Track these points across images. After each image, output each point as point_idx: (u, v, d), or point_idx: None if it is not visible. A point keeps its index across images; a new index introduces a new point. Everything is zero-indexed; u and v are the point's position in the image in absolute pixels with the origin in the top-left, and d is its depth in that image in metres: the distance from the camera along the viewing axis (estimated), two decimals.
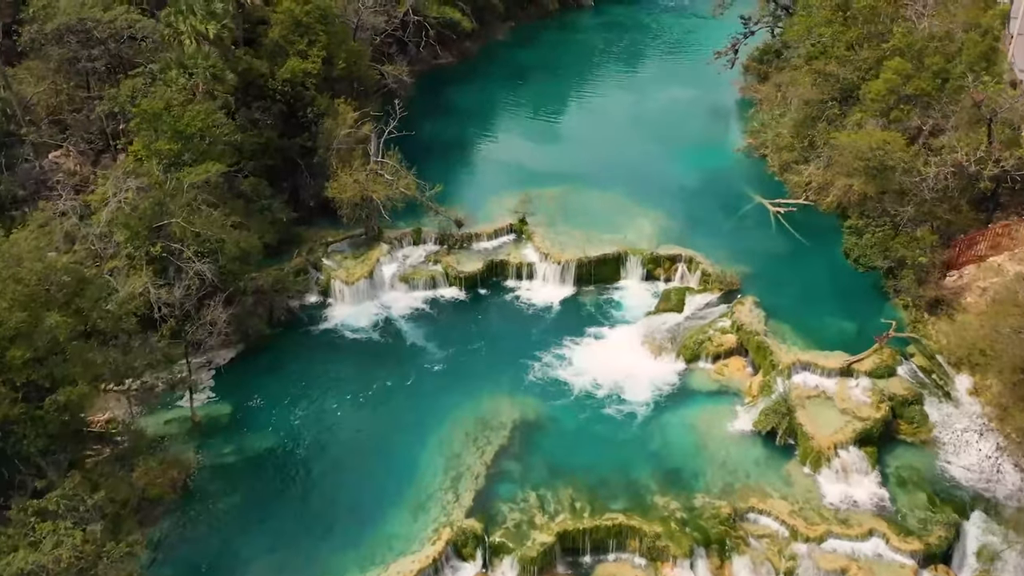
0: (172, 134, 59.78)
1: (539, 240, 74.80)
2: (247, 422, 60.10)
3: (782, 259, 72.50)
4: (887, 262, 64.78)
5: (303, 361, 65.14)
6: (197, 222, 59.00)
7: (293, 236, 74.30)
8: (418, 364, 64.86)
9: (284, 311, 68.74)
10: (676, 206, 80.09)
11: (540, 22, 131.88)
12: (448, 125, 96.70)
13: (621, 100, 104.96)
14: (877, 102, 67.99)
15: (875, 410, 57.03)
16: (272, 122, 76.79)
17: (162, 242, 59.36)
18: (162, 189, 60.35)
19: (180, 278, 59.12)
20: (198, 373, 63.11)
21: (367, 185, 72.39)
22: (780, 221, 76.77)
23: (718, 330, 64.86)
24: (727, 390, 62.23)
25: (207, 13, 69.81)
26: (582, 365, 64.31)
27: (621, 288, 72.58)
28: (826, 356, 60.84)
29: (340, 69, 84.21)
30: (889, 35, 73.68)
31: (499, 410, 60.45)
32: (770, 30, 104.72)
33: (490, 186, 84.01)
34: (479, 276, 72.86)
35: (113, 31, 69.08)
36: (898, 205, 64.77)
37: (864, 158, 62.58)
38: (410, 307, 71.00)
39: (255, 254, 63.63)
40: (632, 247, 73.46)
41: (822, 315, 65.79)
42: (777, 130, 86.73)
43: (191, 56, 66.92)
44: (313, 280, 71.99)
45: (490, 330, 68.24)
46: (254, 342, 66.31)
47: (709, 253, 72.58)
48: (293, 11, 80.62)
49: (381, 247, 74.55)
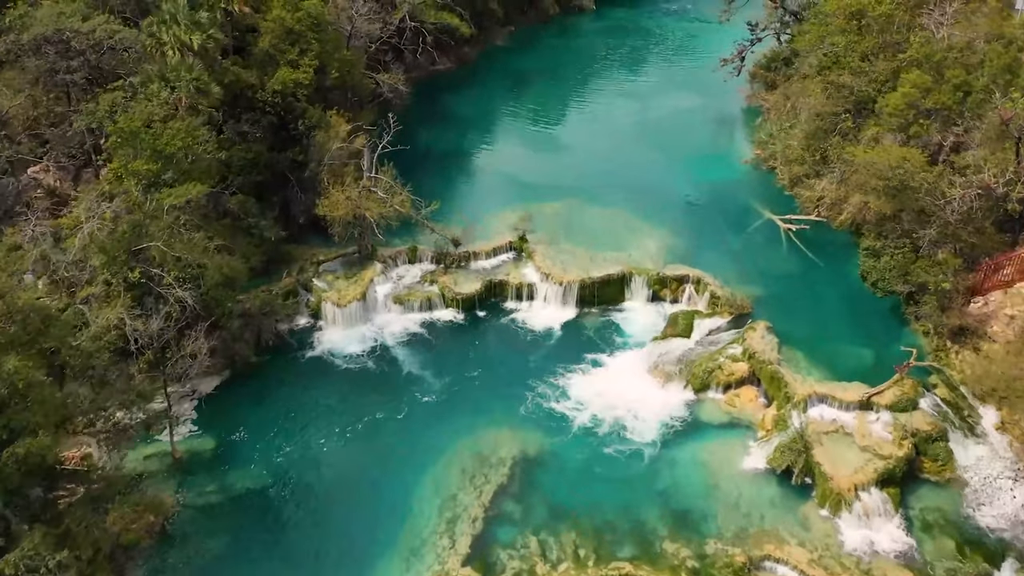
0: (151, 153, 55.73)
1: (540, 259, 70.81)
2: (230, 457, 56.13)
3: (794, 280, 68.54)
4: (907, 287, 60.82)
5: (291, 390, 61.19)
6: (177, 246, 54.93)
7: (283, 254, 70.26)
8: (412, 393, 60.87)
9: (272, 335, 64.72)
10: (682, 222, 76.14)
11: (540, 26, 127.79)
12: (445, 135, 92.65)
13: (623, 108, 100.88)
14: (895, 116, 64.00)
15: (897, 447, 53.17)
16: (261, 135, 72.69)
17: (141, 267, 55.20)
18: (141, 211, 56.27)
19: (160, 306, 55.12)
20: (180, 403, 59.14)
21: (360, 202, 68.39)
22: (791, 238, 72.85)
23: (729, 358, 60.90)
24: (739, 423, 58.32)
25: (191, 23, 65.77)
26: (585, 395, 60.41)
27: (626, 310, 68.63)
28: (844, 388, 56.93)
29: (333, 79, 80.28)
30: (906, 45, 69.74)
31: (498, 444, 56.58)
32: (776, 36, 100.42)
33: (489, 200, 79.97)
34: (477, 297, 68.91)
35: (92, 42, 64.86)
36: (918, 226, 60.83)
37: (884, 177, 58.55)
38: (404, 330, 66.99)
39: (240, 279, 59.42)
40: (637, 267, 69.48)
41: (838, 342, 61.86)
42: (786, 142, 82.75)
43: (174, 68, 62.82)
44: (303, 302, 68.00)
45: (488, 356, 64.24)
46: (240, 369, 62.31)
47: (718, 273, 68.58)
48: (284, 19, 76.59)
49: (375, 266, 70.54)
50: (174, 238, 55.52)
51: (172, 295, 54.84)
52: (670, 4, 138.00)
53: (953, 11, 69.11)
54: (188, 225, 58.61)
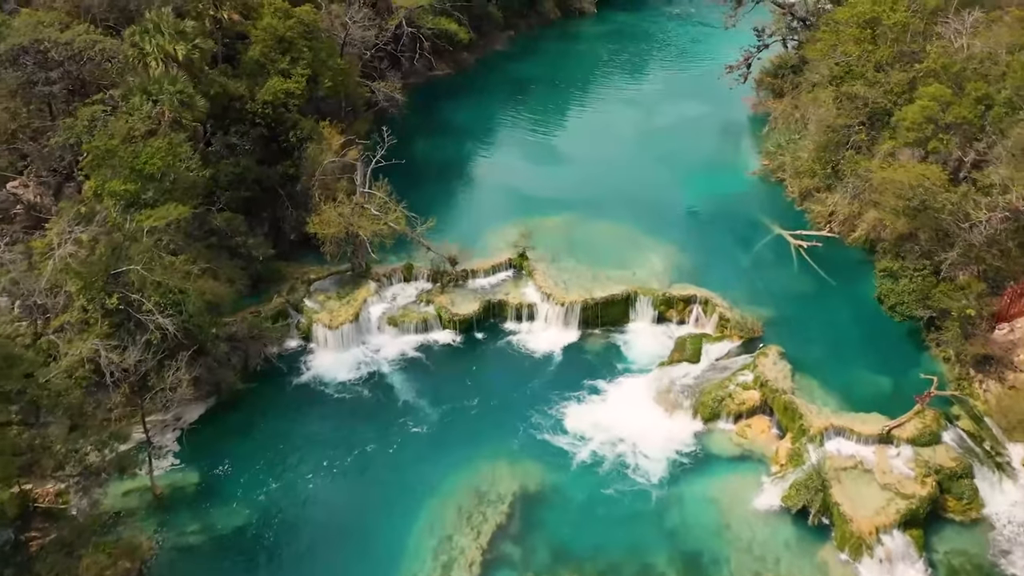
0: (129, 173, 52.02)
1: (540, 278, 67.15)
2: (214, 494, 52.55)
3: (807, 301, 64.96)
4: (927, 312, 57.07)
5: (279, 419, 57.63)
6: (157, 270, 51.31)
7: (273, 272, 66.63)
8: (406, 423, 57.31)
9: (260, 360, 61.08)
10: (688, 237, 72.54)
11: (541, 31, 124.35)
12: (443, 145, 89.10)
13: (626, 116, 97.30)
14: (913, 131, 60.24)
15: (920, 485, 49.62)
16: (251, 148, 69.11)
17: (120, 292, 51.64)
18: (120, 232, 52.69)
19: (140, 334, 51.54)
20: (163, 434, 55.80)
21: (352, 220, 64.72)
22: (802, 255, 69.31)
23: (739, 385, 57.34)
24: (750, 455, 54.77)
25: (176, 32, 62.15)
26: (589, 425, 56.82)
27: (630, 332, 65.02)
28: (862, 420, 53.35)
29: (326, 88, 76.79)
30: (922, 55, 66.04)
31: (496, 479, 53.09)
32: (782, 41, 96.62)
33: (487, 214, 76.30)
34: (475, 319, 65.32)
35: (71, 52, 61.12)
36: (939, 247, 57.22)
37: (904, 197, 54.84)
38: (399, 354, 63.36)
39: (225, 303, 55.81)
40: (642, 286, 65.86)
41: (853, 368, 58.33)
42: (795, 153, 79.11)
43: (156, 81, 59.13)
44: (293, 324, 64.33)
45: (486, 382, 60.57)
46: (226, 396, 58.73)
47: (726, 293, 64.97)
48: (275, 27, 73.13)
49: (368, 285, 66.91)
50: (154, 262, 51.90)
51: (152, 322, 51.32)
52: (672, 8, 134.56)
53: (973, 20, 65.32)
54: (170, 247, 55.13)
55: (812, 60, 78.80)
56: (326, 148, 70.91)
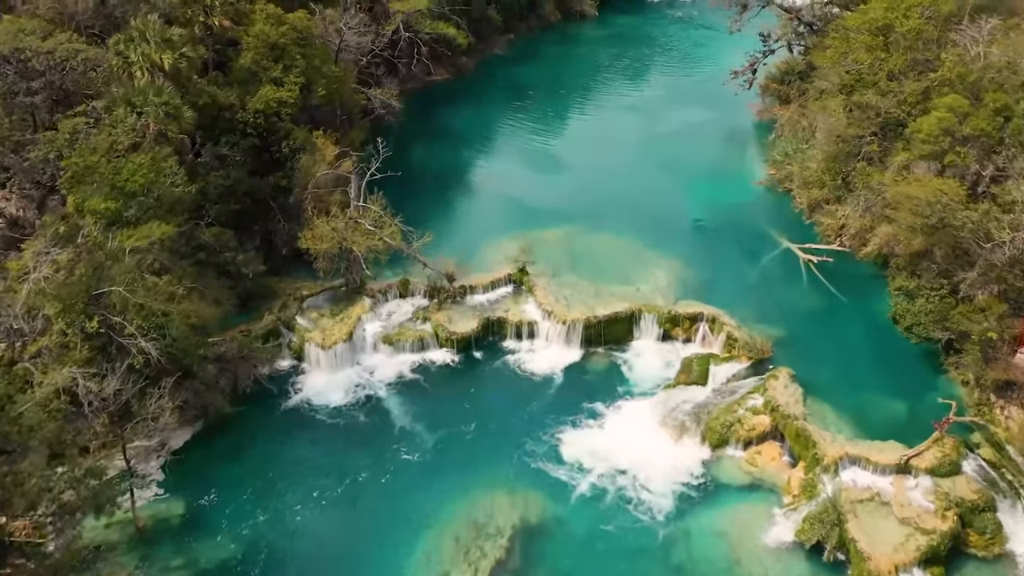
0: (110, 190, 49.21)
1: (541, 294, 64.38)
2: (199, 525, 49.82)
3: (817, 319, 62.26)
4: (946, 334, 54.27)
5: (268, 444, 54.94)
6: (140, 292, 48.52)
7: (264, 288, 63.80)
8: (401, 449, 54.57)
9: (250, 382, 58.29)
10: (694, 251, 69.78)
11: (541, 34, 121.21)
12: (440, 153, 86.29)
13: (628, 122, 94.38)
14: (928, 143, 57.42)
15: (940, 519, 46.96)
16: (241, 159, 66.29)
17: (101, 314, 48.91)
18: (102, 251, 49.96)
19: (122, 358, 48.84)
20: (147, 461, 53.03)
21: (346, 235, 61.96)
22: (812, 270, 66.64)
23: (749, 410, 54.65)
24: (761, 484, 52.05)
25: (162, 41, 59.27)
26: (592, 452, 54.07)
27: (634, 351, 62.25)
28: (879, 448, 50.68)
29: (320, 96, 74.01)
30: (937, 64, 63.19)
31: (495, 510, 50.39)
32: (787, 46, 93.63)
33: (486, 227, 73.48)
34: (473, 337, 62.47)
35: (52, 62, 58.33)
36: (957, 266, 54.36)
37: (922, 214, 52.06)
38: (394, 374, 60.63)
39: (212, 325, 53.06)
40: (647, 303, 63.12)
41: (867, 391, 55.67)
42: (803, 162, 76.29)
43: (141, 92, 56.29)
44: (285, 343, 61.55)
45: (485, 405, 57.80)
46: (214, 420, 56.02)
47: (734, 311, 62.20)
48: (267, 33, 70.32)
49: (363, 302, 64.12)
50: (136, 283, 49.10)
51: (135, 346, 48.60)
52: (674, 11, 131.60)
53: (990, 28, 62.50)
54: (155, 265, 52.40)
55: (821, 67, 75.80)
56: (319, 159, 68.20)
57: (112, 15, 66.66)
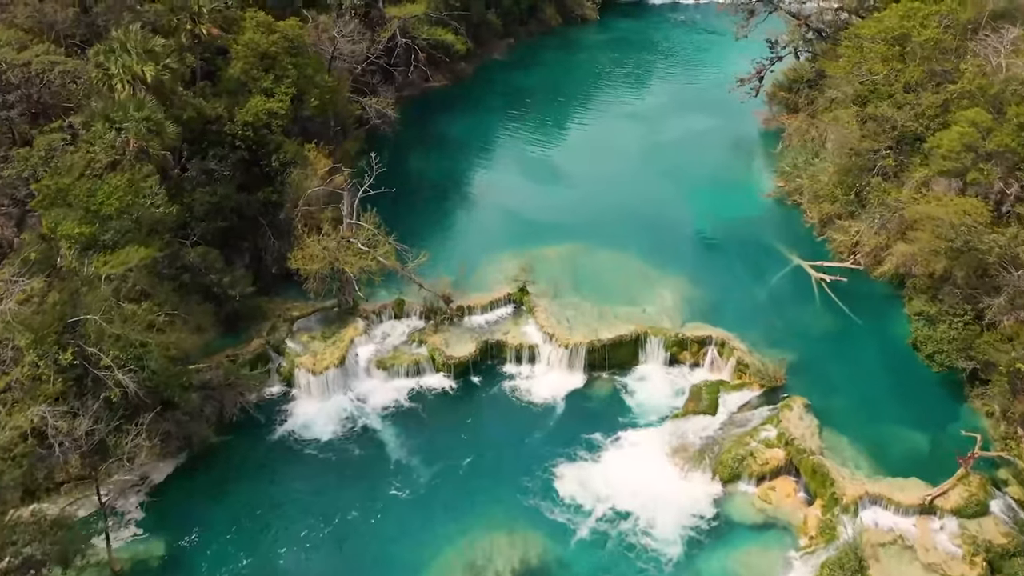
0: (84, 214, 45.82)
1: (542, 316, 61.00)
2: (179, 568, 46.60)
3: (831, 343, 58.94)
4: (971, 363, 50.91)
5: (255, 478, 51.64)
6: (116, 322, 45.17)
7: (252, 309, 60.48)
8: (394, 484, 51.24)
9: (237, 410, 54.85)
10: (701, 269, 66.40)
11: (541, 39, 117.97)
12: (437, 164, 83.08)
13: (630, 131, 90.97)
14: (950, 160, 54.02)
15: (969, 565, 43.89)
16: (230, 174, 62.97)
17: (75, 345, 45.66)
18: (77, 277, 46.68)
19: (98, 391, 45.61)
20: (126, 496, 49.63)
21: (337, 255, 58.61)
22: (825, 289, 63.27)
23: (762, 442, 51.34)
24: (775, 523, 48.76)
25: (144, 52, 55.82)
26: (596, 487, 50.77)
27: (640, 376, 58.93)
28: (900, 487, 47.41)
29: (313, 107, 70.62)
30: (956, 75, 59.78)
31: (494, 552, 47.21)
32: (794, 52, 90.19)
33: (485, 242, 70.09)
34: (471, 361, 59.09)
35: (28, 74, 54.95)
36: (981, 290, 50.91)
37: (945, 237, 48.68)
38: (388, 401, 57.34)
39: (194, 355, 49.76)
40: (653, 326, 59.77)
41: (886, 422, 52.35)
42: (813, 174, 72.90)
43: (120, 106, 52.83)
44: (274, 368, 58.25)
45: (483, 436, 54.47)
46: (199, 451, 52.65)
47: (744, 333, 58.91)
48: (257, 42, 66.95)
49: (356, 324, 60.75)
50: (112, 311, 45.75)
51: (111, 379, 45.33)
52: (677, 15, 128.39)
53: (1013, 37, 59.10)
54: (134, 291, 49.01)
55: (832, 76, 72.36)
56: (311, 173, 64.77)
57: (94, 24, 63.13)
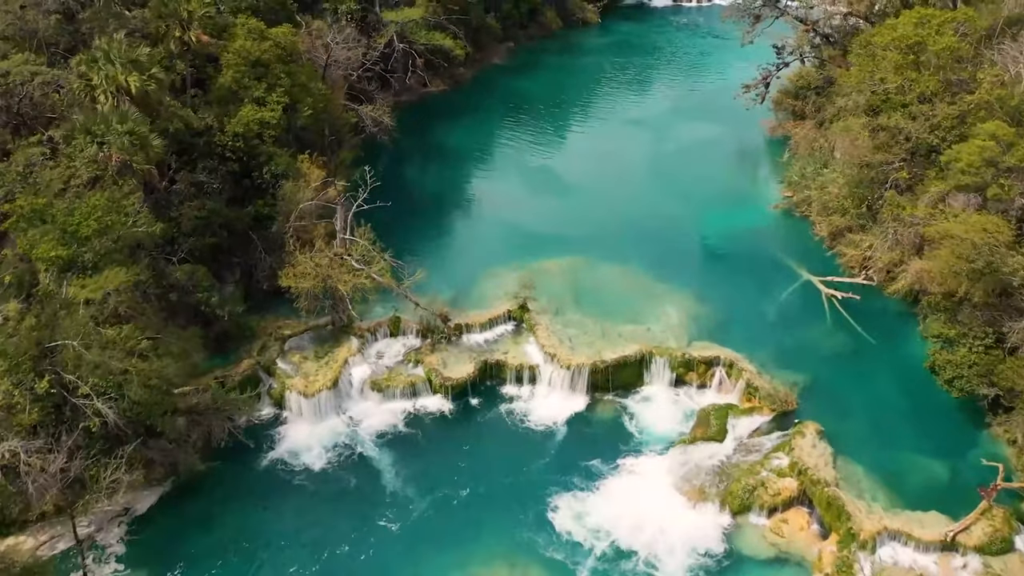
0: (61, 235, 43.21)
1: (543, 334, 58.44)
2: None
3: (844, 363, 56.38)
4: (993, 390, 48.31)
5: (243, 508, 49.13)
6: (95, 349, 42.59)
7: (243, 327, 58.03)
8: (389, 514, 48.70)
9: (226, 434, 52.24)
10: (707, 284, 63.81)
11: (542, 42, 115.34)
12: (434, 173, 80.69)
13: (633, 138, 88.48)
14: (969, 174, 51.40)
15: None
16: (219, 187, 60.66)
17: (52, 372, 43.16)
18: (55, 300, 44.10)
19: (76, 420, 43.13)
20: (107, 528, 47.26)
21: (330, 272, 56.01)
22: (836, 307, 60.68)
23: (773, 471, 48.77)
24: (788, 558, 46.17)
25: (129, 61, 53.20)
26: (599, 516, 48.20)
27: (645, 398, 56.39)
28: (920, 521, 44.88)
29: (306, 116, 67.97)
30: (973, 84, 57.15)
31: None
32: (800, 58, 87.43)
33: (483, 256, 67.54)
34: (470, 382, 56.48)
35: (7, 86, 52.35)
36: (1003, 312, 48.27)
37: (967, 258, 46.09)
38: (383, 424, 54.83)
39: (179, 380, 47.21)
40: (658, 345, 57.19)
41: (902, 450, 49.83)
42: (822, 185, 70.22)
43: (102, 119, 50.22)
44: (264, 389, 55.68)
45: (482, 463, 51.84)
46: (185, 478, 50.03)
47: (752, 353, 56.37)
48: (248, 49, 64.41)
49: (350, 343, 58.24)
50: (91, 337, 43.18)
51: (90, 408, 42.82)
52: (679, 18, 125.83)
53: None
54: (118, 312, 46.43)
55: (842, 84, 69.70)
56: (304, 185, 62.13)
57: (79, 31, 60.52)
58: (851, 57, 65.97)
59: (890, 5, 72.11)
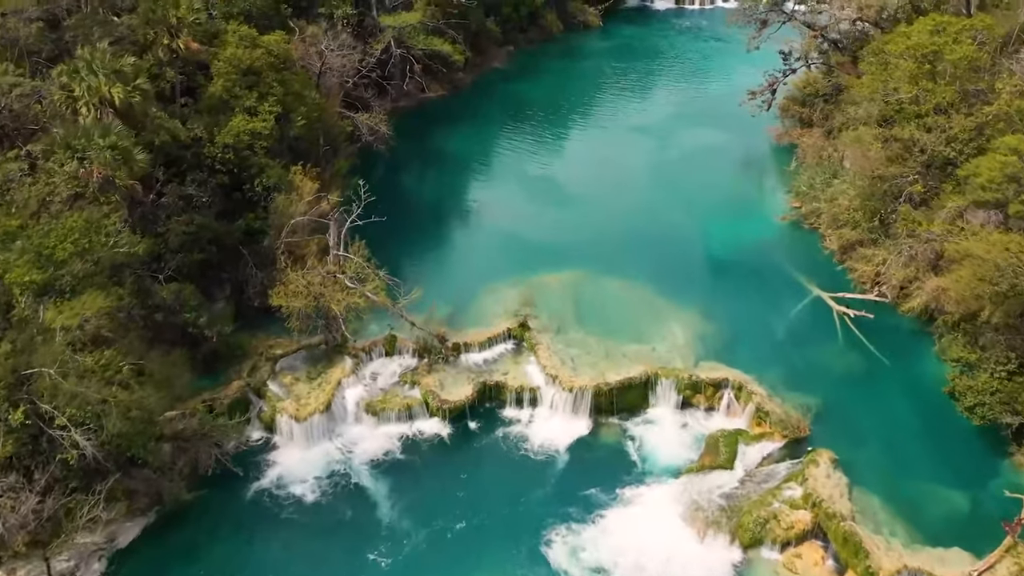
0: (35, 258, 40.70)
1: (545, 355, 55.97)
2: None
3: (858, 387, 53.90)
4: (1017, 418, 45.80)
5: (230, 541, 46.76)
6: (72, 378, 40.11)
7: (232, 347, 55.62)
8: (383, 549, 46.22)
9: (213, 461, 49.72)
10: (713, 300, 61.29)
11: (542, 46, 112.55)
12: (432, 182, 78.32)
13: (635, 146, 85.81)
14: (989, 190, 48.89)
15: None
16: (209, 200, 58.15)
17: (27, 401, 40.69)
18: (30, 325, 41.62)
19: (54, 453, 40.71)
20: (88, 562, 44.58)
21: (323, 291, 53.52)
22: (848, 324, 58.17)
23: (786, 502, 46.29)
24: None
25: (112, 72, 50.67)
26: (603, 550, 45.79)
27: (650, 422, 53.92)
28: (941, 559, 42.45)
29: (299, 126, 65.45)
30: (991, 95, 54.60)
31: None
32: (806, 63, 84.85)
33: (482, 270, 65.06)
34: (468, 405, 54.02)
35: None
36: None
37: (990, 280, 43.59)
38: (378, 450, 52.41)
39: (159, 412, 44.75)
40: (664, 367, 54.72)
41: (920, 479, 47.40)
42: (831, 196, 67.79)
43: (83, 133, 47.72)
44: (254, 413, 53.21)
45: (481, 492, 49.35)
46: (171, 508, 47.52)
47: (762, 375, 53.93)
48: (239, 57, 61.89)
49: (344, 363, 55.81)
50: (68, 365, 40.70)
51: (67, 439, 40.36)
52: (682, 21, 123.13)
53: None
54: (96, 339, 43.90)
55: (851, 92, 67.19)
56: (296, 199, 59.64)
57: (62, 39, 57.96)
58: (863, 66, 63.46)
59: (901, 11, 69.42)
